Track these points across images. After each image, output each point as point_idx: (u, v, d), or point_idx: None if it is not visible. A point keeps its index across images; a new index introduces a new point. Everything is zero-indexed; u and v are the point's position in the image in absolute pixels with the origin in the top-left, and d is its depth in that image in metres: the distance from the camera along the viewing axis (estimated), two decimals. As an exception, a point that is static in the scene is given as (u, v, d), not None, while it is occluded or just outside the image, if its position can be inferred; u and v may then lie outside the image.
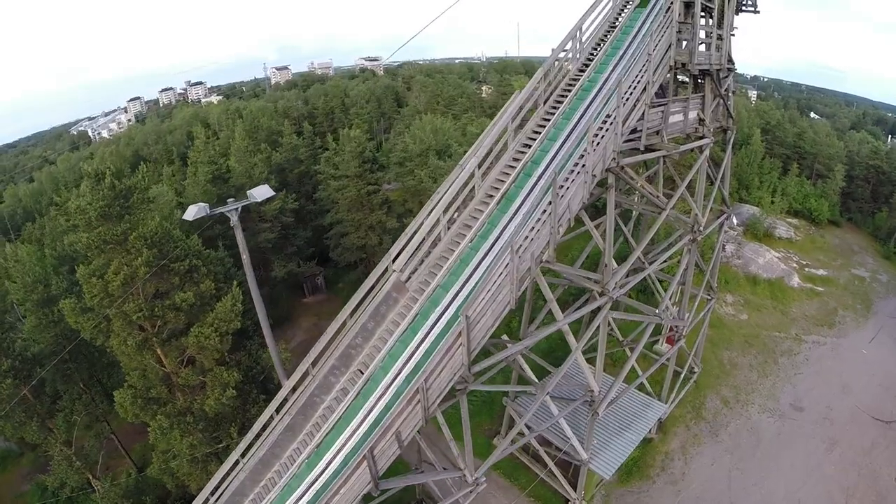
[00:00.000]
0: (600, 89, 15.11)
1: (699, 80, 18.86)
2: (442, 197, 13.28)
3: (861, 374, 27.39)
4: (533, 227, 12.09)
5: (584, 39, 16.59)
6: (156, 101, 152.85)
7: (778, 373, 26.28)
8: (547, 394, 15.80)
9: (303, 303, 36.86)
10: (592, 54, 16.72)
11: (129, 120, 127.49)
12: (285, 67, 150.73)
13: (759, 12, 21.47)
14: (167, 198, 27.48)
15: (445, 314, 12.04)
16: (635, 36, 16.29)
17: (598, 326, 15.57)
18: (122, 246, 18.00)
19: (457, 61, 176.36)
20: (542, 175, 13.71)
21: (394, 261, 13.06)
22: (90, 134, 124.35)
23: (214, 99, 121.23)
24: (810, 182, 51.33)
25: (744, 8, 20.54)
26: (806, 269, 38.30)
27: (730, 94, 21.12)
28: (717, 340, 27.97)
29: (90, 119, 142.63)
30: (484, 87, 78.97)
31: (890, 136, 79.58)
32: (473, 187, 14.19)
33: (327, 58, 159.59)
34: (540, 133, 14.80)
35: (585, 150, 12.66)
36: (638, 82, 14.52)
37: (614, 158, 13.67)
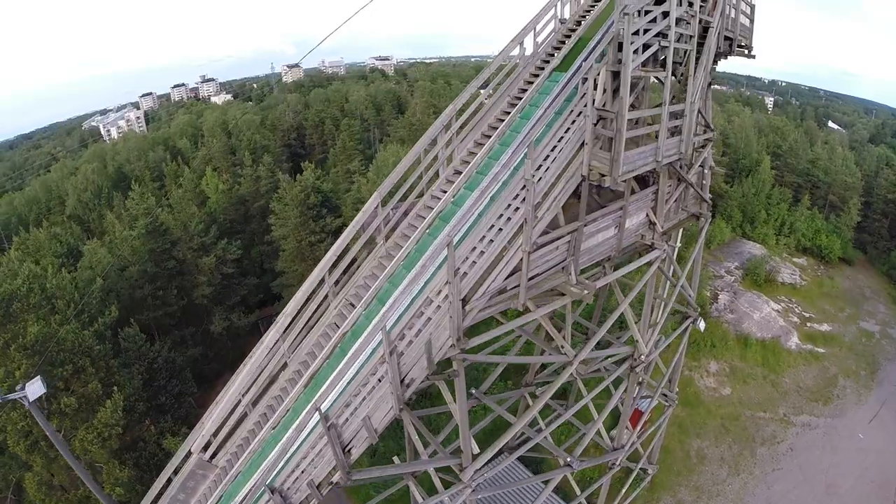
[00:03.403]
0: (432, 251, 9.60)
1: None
2: (242, 373, 10.46)
3: (853, 467, 24.30)
4: (314, 445, 8.64)
5: (462, 132, 11.81)
6: (167, 97, 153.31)
7: (752, 469, 23.33)
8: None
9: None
10: (474, 152, 11.71)
11: (138, 117, 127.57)
12: (296, 65, 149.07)
13: (754, 56, 18.04)
14: (97, 256, 25.46)
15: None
16: (525, 137, 10.57)
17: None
18: (5, 355, 17.87)
19: (473, 59, 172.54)
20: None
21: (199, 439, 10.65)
22: (101, 130, 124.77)
23: (220, 99, 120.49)
24: (822, 215, 47.31)
25: (732, 53, 16.96)
26: (807, 325, 34.81)
27: (705, 172, 15.56)
28: (688, 424, 25.07)
29: (102, 114, 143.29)
30: (482, 92, 75.52)
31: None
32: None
33: (339, 55, 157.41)
34: (371, 286, 10.86)
35: (383, 357, 8.32)
36: (507, 219, 9.14)
37: (454, 345, 8.94)
